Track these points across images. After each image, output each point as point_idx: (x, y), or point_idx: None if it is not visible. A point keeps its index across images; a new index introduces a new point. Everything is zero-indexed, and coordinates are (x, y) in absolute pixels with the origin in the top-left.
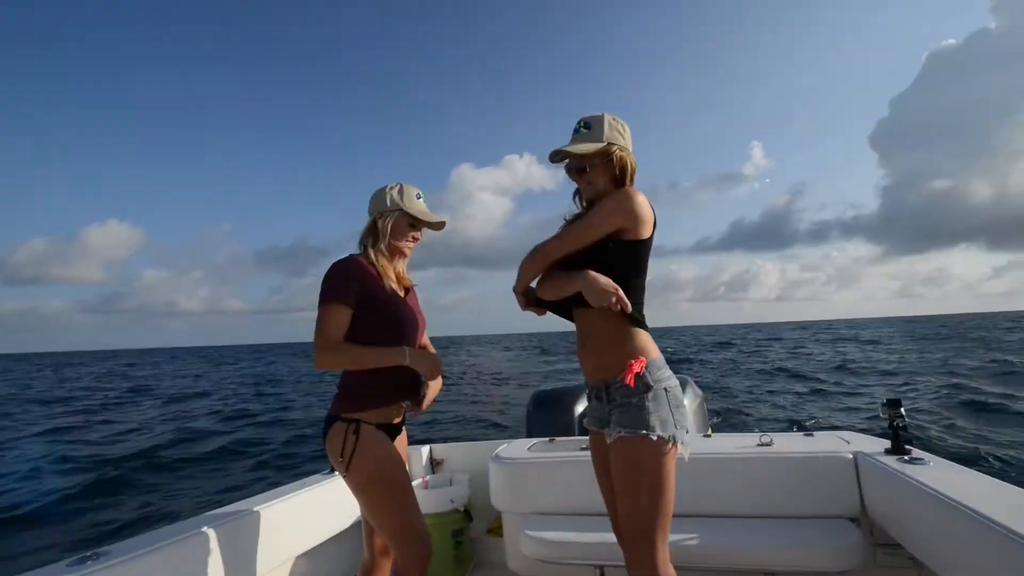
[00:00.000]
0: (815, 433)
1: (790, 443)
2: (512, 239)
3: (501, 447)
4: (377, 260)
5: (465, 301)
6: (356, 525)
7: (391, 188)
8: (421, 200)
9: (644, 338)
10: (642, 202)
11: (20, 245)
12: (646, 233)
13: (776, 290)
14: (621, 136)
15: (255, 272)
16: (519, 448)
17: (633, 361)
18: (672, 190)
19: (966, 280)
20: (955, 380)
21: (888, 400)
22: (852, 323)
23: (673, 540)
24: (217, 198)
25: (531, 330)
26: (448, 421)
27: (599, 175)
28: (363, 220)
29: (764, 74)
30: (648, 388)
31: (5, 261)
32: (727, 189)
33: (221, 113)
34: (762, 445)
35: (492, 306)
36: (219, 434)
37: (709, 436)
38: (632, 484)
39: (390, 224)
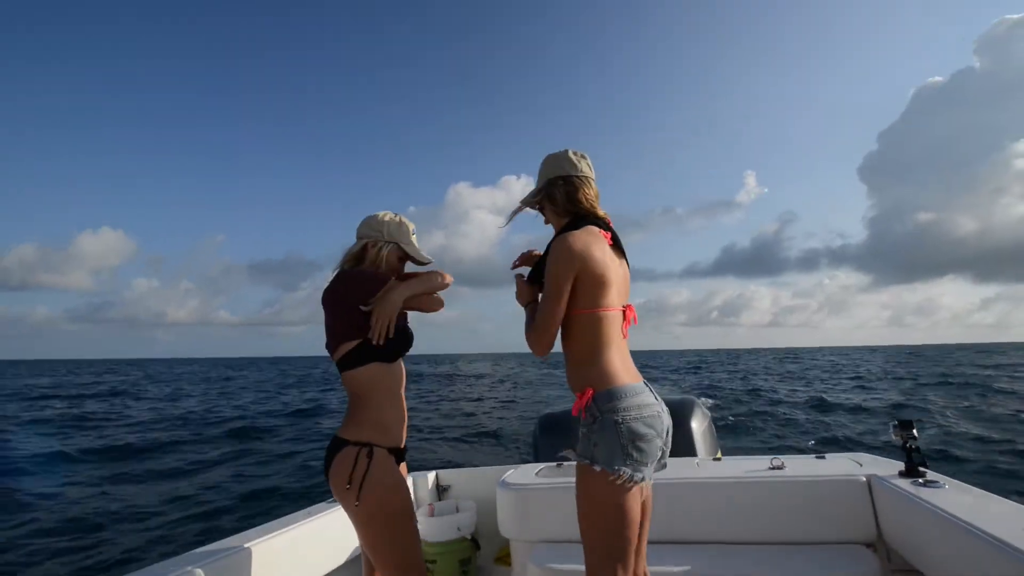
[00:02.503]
0: (827, 456)
1: (802, 467)
2: (503, 259)
3: (508, 472)
4: None
5: (458, 320)
6: (355, 560)
7: (389, 218)
8: (415, 237)
9: (602, 366)
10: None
11: (11, 250)
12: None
13: (768, 315)
14: (560, 168)
15: (247, 284)
16: (527, 473)
17: (579, 394)
18: (665, 215)
19: (954, 311)
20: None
21: (899, 421)
22: (840, 350)
23: (682, 568)
24: (212, 208)
25: (526, 349)
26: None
27: (549, 215)
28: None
29: (759, 105)
30: (594, 418)
31: None
32: (718, 216)
33: (216, 119)
34: (773, 468)
35: (485, 325)
36: None
37: (719, 459)
38: (580, 513)
39: (384, 254)
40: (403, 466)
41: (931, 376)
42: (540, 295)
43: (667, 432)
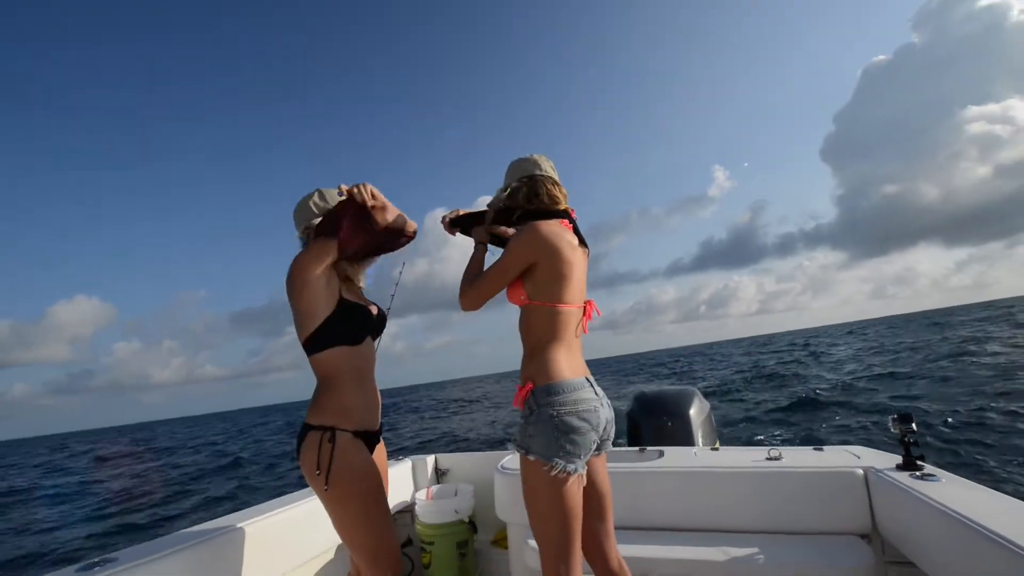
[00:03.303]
0: (825, 447)
1: (799, 457)
2: None
3: (507, 458)
4: None
5: (450, 345)
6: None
7: (311, 196)
8: (343, 197)
9: (546, 361)
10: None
11: None
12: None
13: (755, 304)
14: (523, 170)
15: (231, 336)
16: None
17: (520, 387)
18: (644, 216)
19: (932, 277)
20: None
21: (899, 414)
22: (823, 330)
23: (678, 555)
24: (188, 263)
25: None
26: (454, 434)
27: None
28: None
29: (719, 101)
30: (531, 411)
31: None
32: (694, 211)
33: (184, 178)
34: (771, 459)
35: (480, 348)
36: None
37: (717, 449)
38: (525, 501)
39: None
40: (380, 450)
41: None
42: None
43: (604, 426)
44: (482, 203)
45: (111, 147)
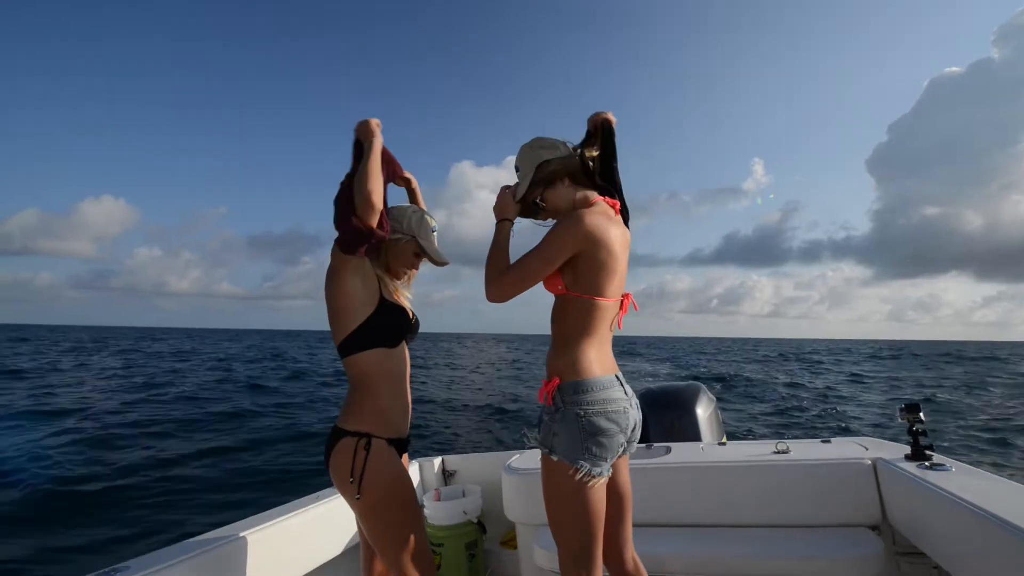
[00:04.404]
0: (832, 440)
1: (807, 450)
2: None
3: (514, 457)
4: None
5: (457, 299)
6: (353, 548)
7: (412, 212)
8: (435, 234)
9: (576, 356)
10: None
11: (12, 216)
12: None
13: (769, 306)
14: (548, 151)
15: (246, 258)
16: (532, 458)
17: (546, 381)
18: (671, 200)
19: (956, 308)
20: None
21: (906, 404)
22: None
23: (687, 551)
24: (214, 180)
25: (524, 331)
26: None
27: (551, 199)
28: None
29: (773, 93)
30: (556, 408)
31: None
32: (725, 203)
33: (221, 98)
34: (778, 452)
35: (487, 306)
36: None
37: (724, 444)
38: (544, 500)
39: (400, 246)
40: (404, 457)
41: None
42: (520, 216)
43: (632, 427)
44: (509, 163)
45: (153, 57)
